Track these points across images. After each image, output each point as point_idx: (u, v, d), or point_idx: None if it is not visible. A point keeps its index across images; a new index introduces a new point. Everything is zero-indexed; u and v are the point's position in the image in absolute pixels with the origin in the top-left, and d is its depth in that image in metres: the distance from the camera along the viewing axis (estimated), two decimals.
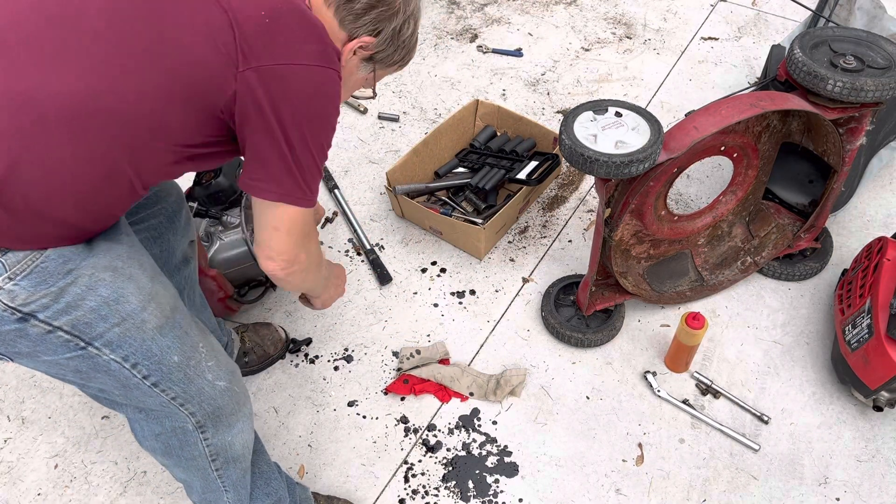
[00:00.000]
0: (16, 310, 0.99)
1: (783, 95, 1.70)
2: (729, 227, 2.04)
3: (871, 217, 2.28)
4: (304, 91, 1.05)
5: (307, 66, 1.05)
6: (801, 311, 2.04)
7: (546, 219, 2.33)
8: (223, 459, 1.29)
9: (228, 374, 1.25)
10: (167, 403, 1.18)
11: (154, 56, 0.99)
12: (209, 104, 1.04)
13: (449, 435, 1.81)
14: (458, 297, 2.11)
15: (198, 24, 1.01)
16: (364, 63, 1.25)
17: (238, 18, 1.01)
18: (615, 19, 3.12)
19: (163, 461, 1.32)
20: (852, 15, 2.17)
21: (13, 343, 1.03)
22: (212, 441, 1.26)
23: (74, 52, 0.97)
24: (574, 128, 1.59)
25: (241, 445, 1.32)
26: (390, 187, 2.21)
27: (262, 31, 1.02)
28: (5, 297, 0.98)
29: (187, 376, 1.17)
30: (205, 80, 1.02)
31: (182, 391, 1.17)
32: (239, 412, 1.28)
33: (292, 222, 1.12)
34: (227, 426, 1.26)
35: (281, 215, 1.11)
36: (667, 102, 2.71)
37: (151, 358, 1.12)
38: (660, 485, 1.71)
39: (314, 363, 1.96)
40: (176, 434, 1.23)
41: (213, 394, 1.21)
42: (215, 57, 1.01)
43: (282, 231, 1.13)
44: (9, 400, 1.90)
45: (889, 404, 1.74)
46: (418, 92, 2.79)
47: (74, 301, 1.03)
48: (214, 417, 1.23)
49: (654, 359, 1.95)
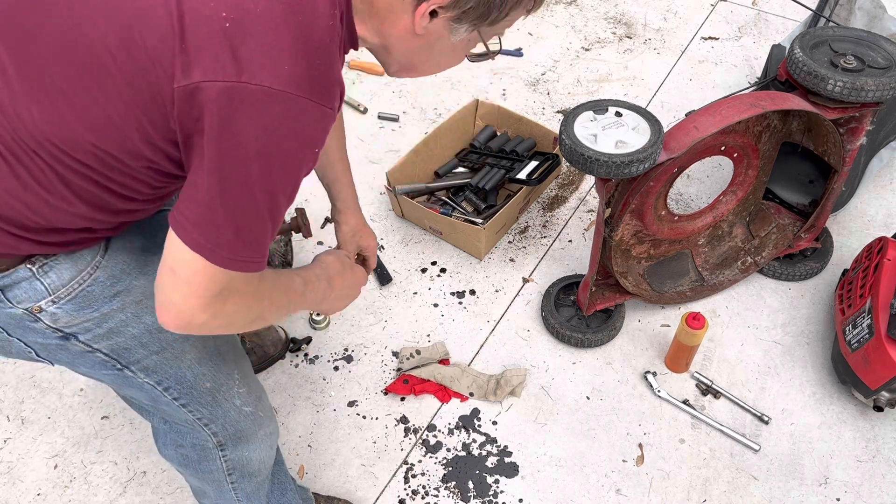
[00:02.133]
0: (58, 329, 0.98)
1: (783, 95, 1.70)
2: (729, 227, 2.04)
3: (872, 217, 2.28)
4: (258, 121, 0.81)
5: (269, 91, 0.79)
6: (801, 311, 2.04)
7: (546, 219, 2.33)
8: (239, 474, 1.29)
9: (255, 400, 1.24)
10: (192, 422, 1.17)
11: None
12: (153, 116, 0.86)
13: (449, 435, 1.81)
14: (458, 297, 2.10)
15: (118, 22, 0.81)
16: (455, 24, 0.93)
17: (186, 20, 0.79)
18: (615, 19, 3.12)
19: (179, 469, 1.32)
20: (852, 15, 2.16)
21: (54, 353, 1.03)
22: (230, 457, 1.26)
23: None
24: (574, 128, 1.59)
25: (258, 461, 1.31)
26: (390, 187, 2.21)
27: (216, 36, 0.79)
28: (48, 318, 0.97)
29: (216, 400, 1.16)
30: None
31: (209, 413, 1.17)
32: (259, 432, 1.27)
33: (194, 273, 0.86)
34: (245, 444, 1.26)
35: (184, 258, 0.85)
36: (667, 102, 2.71)
37: (184, 384, 1.11)
38: (660, 485, 1.71)
39: (314, 363, 1.96)
40: (196, 449, 1.24)
41: (238, 417, 1.21)
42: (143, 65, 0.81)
43: (179, 278, 0.87)
44: (8, 400, 1.90)
45: (889, 404, 1.74)
46: (418, 92, 2.78)
47: (117, 327, 1.01)
48: (235, 438, 1.23)
49: (655, 359, 1.95)
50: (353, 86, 2.80)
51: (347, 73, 2.86)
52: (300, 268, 1.14)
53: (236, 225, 0.86)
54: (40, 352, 1.04)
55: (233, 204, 0.85)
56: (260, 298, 0.96)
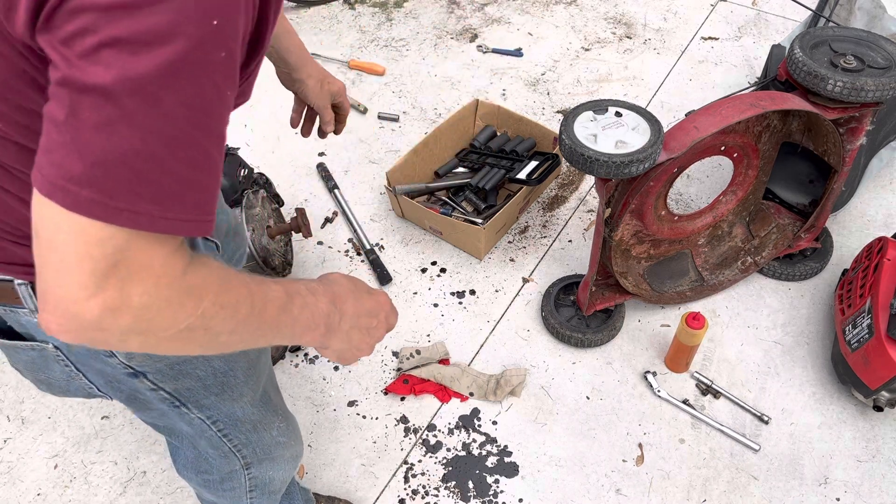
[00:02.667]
0: (129, 366, 0.94)
1: (783, 95, 1.70)
2: (729, 227, 2.04)
3: (872, 217, 2.28)
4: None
5: None
6: (801, 311, 2.04)
7: (546, 219, 2.33)
8: (260, 491, 1.28)
9: (290, 431, 1.24)
10: (227, 451, 1.14)
11: None
12: None
13: (449, 435, 1.81)
14: (458, 297, 2.11)
15: None
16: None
17: None
18: (615, 19, 3.12)
19: (197, 489, 1.31)
20: (852, 15, 2.16)
21: (117, 388, 0.99)
22: (254, 475, 1.24)
23: None
24: (574, 128, 1.59)
25: (280, 482, 1.30)
26: (390, 187, 2.21)
27: None
28: (123, 356, 0.91)
29: (255, 429, 1.15)
30: None
31: (245, 440, 1.15)
32: (286, 454, 1.26)
33: (68, 236, 0.58)
34: (271, 464, 1.25)
35: (49, 218, 0.58)
36: (667, 102, 2.71)
37: (233, 418, 1.09)
38: (660, 485, 1.71)
39: (314, 363, 1.96)
40: (221, 474, 1.21)
41: (271, 445, 1.20)
42: None
43: (52, 249, 0.59)
44: (8, 400, 1.90)
45: (889, 404, 1.74)
46: (418, 92, 2.78)
47: (186, 369, 0.96)
48: (262, 460, 1.22)
49: (655, 359, 1.95)
50: (353, 86, 2.80)
51: (347, 73, 2.86)
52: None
53: (122, 147, 0.57)
54: (102, 387, 1.00)
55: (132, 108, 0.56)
56: (192, 293, 0.64)
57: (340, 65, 2.89)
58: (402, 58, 2.94)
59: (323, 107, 1.36)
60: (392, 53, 2.96)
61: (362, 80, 2.83)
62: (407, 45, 3.01)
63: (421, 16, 3.16)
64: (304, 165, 2.48)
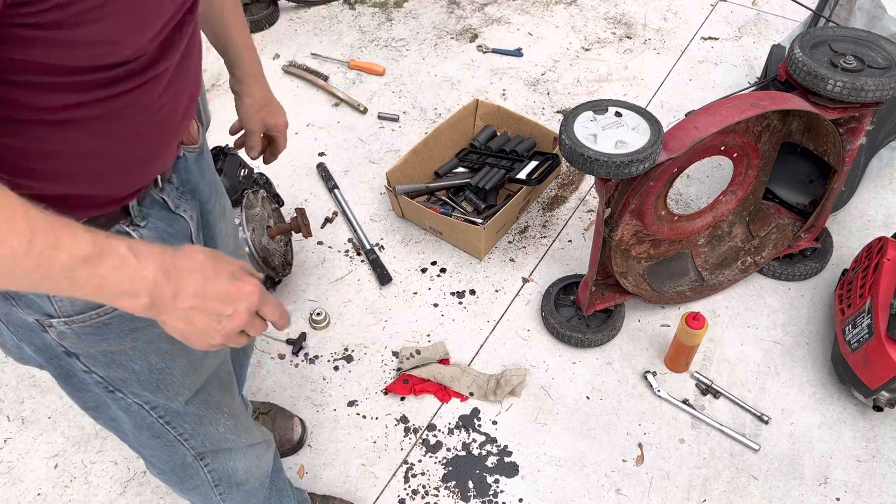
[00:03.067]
0: (63, 346, 0.94)
1: (783, 95, 1.70)
2: (729, 227, 2.04)
3: (871, 217, 2.28)
4: None
5: None
6: (801, 311, 2.04)
7: (546, 219, 2.33)
8: (226, 484, 1.27)
9: (239, 430, 1.22)
10: (173, 439, 1.12)
11: None
12: None
13: (449, 435, 1.81)
14: (458, 297, 2.11)
15: None
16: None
17: None
18: (615, 19, 3.12)
19: (173, 489, 1.31)
20: (852, 15, 2.16)
21: (54, 363, 0.99)
22: (213, 467, 1.23)
23: None
24: (574, 128, 1.59)
25: (244, 471, 1.29)
26: (390, 187, 2.21)
27: None
28: (55, 334, 0.91)
29: (202, 422, 1.14)
30: None
31: (192, 430, 1.13)
32: (240, 440, 1.25)
33: None
34: (227, 454, 1.24)
35: None
36: (667, 102, 2.71)
37: (171, 410, 1.08)
38: (660, 485, 1.71)
39: (314, 363, 1.96)
40: (175, 470, 1.20)
41: (220, 438, 1.19)
42: None
43: None
44: (9, 400, 1.90)
45: (889, 404, 1.74)
46: (418, 92, 2.78)
47: (119, 359, 0.96)
48: (217, 451, 1.21)
49: (654, 359, 1.95)
50: (353, 86, 2.80)
51: (347, 73, 2.86)
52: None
53: None
54: (43, 362, 1.00)
55: None
56: None
57: (340, 65, 2.89)
58: (402, 58, 2.94)
59: (251, 131, 1.33)
60: (392, 53, 2.96)
61: (362, 80, 2.83)
62: (407, 45, 3.01)
63: (421, 16, 3.16)
64: (304, 165, 2.48)
